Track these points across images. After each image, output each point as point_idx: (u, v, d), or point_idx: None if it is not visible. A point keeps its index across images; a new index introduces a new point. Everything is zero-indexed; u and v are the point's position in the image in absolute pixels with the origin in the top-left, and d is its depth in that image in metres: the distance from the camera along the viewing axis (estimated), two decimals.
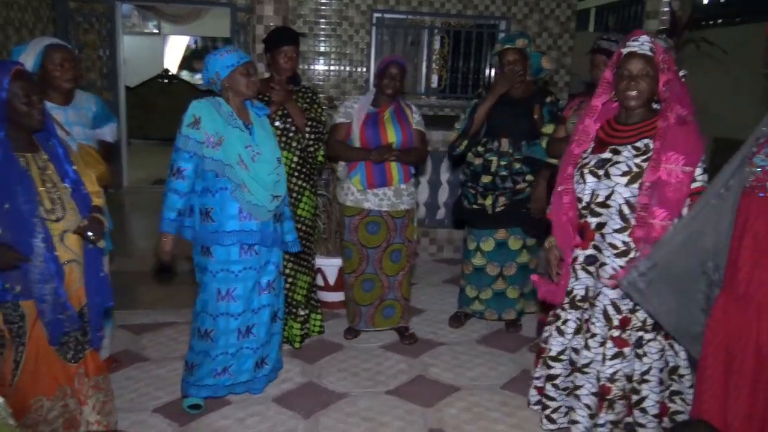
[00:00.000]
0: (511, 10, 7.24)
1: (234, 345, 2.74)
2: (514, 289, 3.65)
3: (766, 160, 2.04)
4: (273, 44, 3.26)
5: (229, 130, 2.61)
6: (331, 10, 6.97)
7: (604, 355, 2.34)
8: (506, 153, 3.48)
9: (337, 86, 7.09)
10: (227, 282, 2.68)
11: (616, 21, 11.61)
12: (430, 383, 3.13)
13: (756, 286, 2.07)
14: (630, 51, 2.24)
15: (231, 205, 2.62)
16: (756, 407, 2.09)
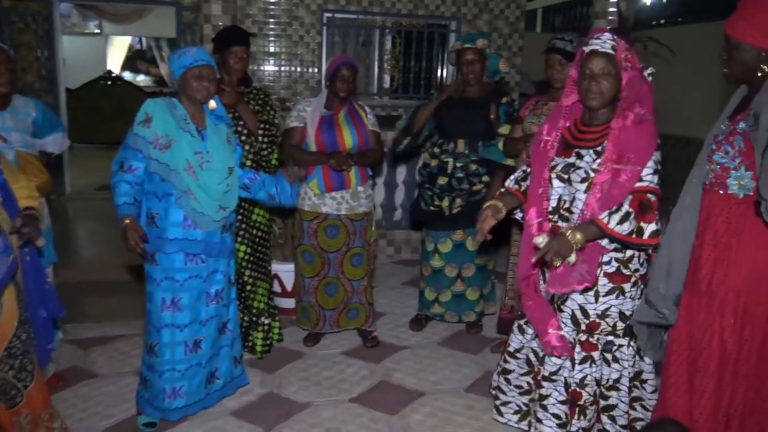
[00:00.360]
0: (461, 10, 7.26)
1: (183, 361, 2.60)
2: (473, 290, 3.63)
3: (725, 158, 2.07)
4: (223, 44, 3.15)
5: (179, 133, 2.48)
6: (280, 10, 6.85)
7: (572, 360, 2.32)
8: (462, 154, 3.46)
9: (288, 87, 6.97)
10: (172, 291, 2.55)
11: (563, 21, 11.85)
12: (393, 389, 3.07)
13: (717, 284, 2.09)
14: (592, 49, 2.20)
15: (175, 212, 2.50)
16: (721, 404, 2.12)
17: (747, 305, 2.05)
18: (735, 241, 2.05)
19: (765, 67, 1.98)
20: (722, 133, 2.12)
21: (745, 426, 2.11)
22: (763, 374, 2.07)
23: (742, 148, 2.01)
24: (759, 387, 2.08)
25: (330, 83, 3.30)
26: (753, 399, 2.09)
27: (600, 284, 2.25)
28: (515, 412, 2.57)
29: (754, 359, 2.06)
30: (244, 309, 3.30)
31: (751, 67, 2.01)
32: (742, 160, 2.02)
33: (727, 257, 2.07)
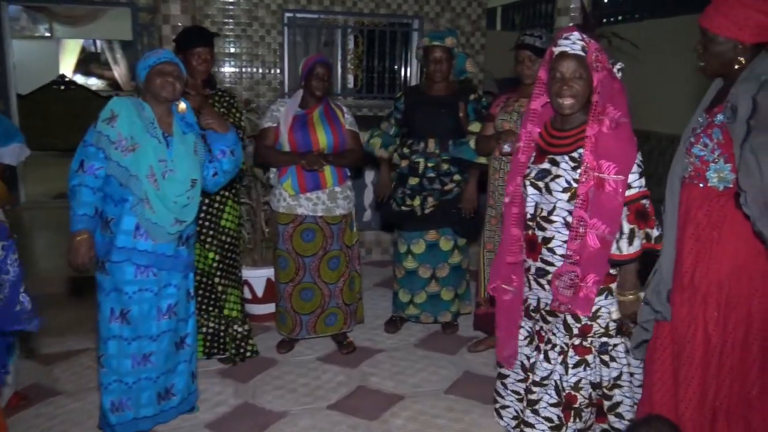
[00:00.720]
0: (424, 9, 7.25)
1: (130, 374, 2.47)
2: (448, 290, 3.60)
3: (704, 151, 2.06)
4: (185, 45, 3.05)
5: (145, 137, 2.37)
6: (240, 10, 6.72)
7: (566, 364, 2.28)
8: (433, 154, 3.42)
9: (250, 89, 6.84)
10: (120, 302, 2.43)
11: (522, 19, 11.95)
12: (372, 394, 3.01)
13: (700, 277, 2.09)
14: (561, 51, 2.12)
15: (128, 220, 2.37)
16: (707, 397, 2.12)
17: (729, 298, 2.05)
18: (716, 234, 2.05)
19: (742, 59, 1.99)
20: (700, 126, 2.12)
21: (730, 419, 2.11)
22: (747, 366, 2.08)
23: (720, 140, 2.01)
24: (743, 379, 2.08)
25: (305, 82, 3.23)
26: (738, 391, 2.09)
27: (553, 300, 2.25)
28: (513, 417, 2.51)
29: (738, 352, 2.07)
30: (216, 317, 3.20)
31: (727, 60, 2.01)
32: (721, 152, 2.01)
33: (709, 250, 2.06)
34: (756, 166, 1.85)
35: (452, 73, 3.46)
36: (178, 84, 2.44)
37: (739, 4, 1.94)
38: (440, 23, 7.29)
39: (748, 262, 2.02)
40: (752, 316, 2.04)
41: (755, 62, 1.98)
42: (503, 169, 3.17)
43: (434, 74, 3.39)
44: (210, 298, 3.18)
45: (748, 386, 2.09)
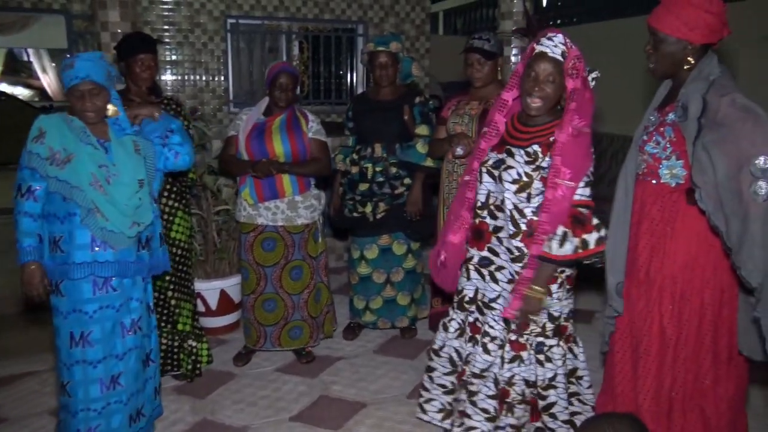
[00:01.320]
0: (368, 14, 7.26)
1: (99, 400, 2.34)
2: (404, 295, 3.59)
3: (656, 148, 2.13)
4: (127, 52, 2.94)
5: (79, 146, 2.25)
6: (181, 17, 6.57)
7: (502, 358, 2.31)
8: (381, 158, 3.41)
9: (194, 96, 6.70)
10: (80, 324, 2.29)
11: (464, 24, 12.14)
12: (334, 403, 2.98)
13: (655, 271, 2.15)
14: (541, 51, 2.12)
15: (81, 234, 2.26)
16: (663, 388, 2.18)
17: (683, 291, 2.11)
18: (669, 229, 2.12)
19: (691, 59, 2.05)
20: (652, 124, 2.18)
21: (686, 408, 2.18)
22: (701, 357, 2.15)
23: (672, 138, 2.08)
24: (697, 370, 2.15)
25: (269, 91, 3.17)
26: (692, 382, 2.16)
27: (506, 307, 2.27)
28: (438, 411, 2.53)
29: (692, 343, 2.14)
30: (169, 333, 3.10)
31: (678, 60, 2.07)
32: (673, 149, 2.08)
33: (663, 245, 2.13)
34: (708, 163, 1.92)
35: (398, 77, 3.46)
36: (99, 101, 2.29)
37: (689, 5, 2.00)
38: (384, 28, 7.31)
39: (701, 255, 2.09)
40: (705, 308, 2.11)
41: (703, 62, 2.05)
42: (456, 172, 3.19)
43: (380, 79, 3.39)
44: (161, 313, 3.08)
45: (701, 376, 2.16)
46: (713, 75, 2.01)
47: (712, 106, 1.95)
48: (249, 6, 6.80)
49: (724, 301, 2.11)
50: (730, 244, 1.90)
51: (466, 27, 12.01)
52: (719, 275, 2.09)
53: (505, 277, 2.29)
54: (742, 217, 1.87)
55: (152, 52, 2.97)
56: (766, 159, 1.84)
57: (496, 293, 2.32)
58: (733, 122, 1.89)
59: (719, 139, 1.90)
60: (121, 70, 2.99)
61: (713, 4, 1.99)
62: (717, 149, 1.90)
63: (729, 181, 1.88)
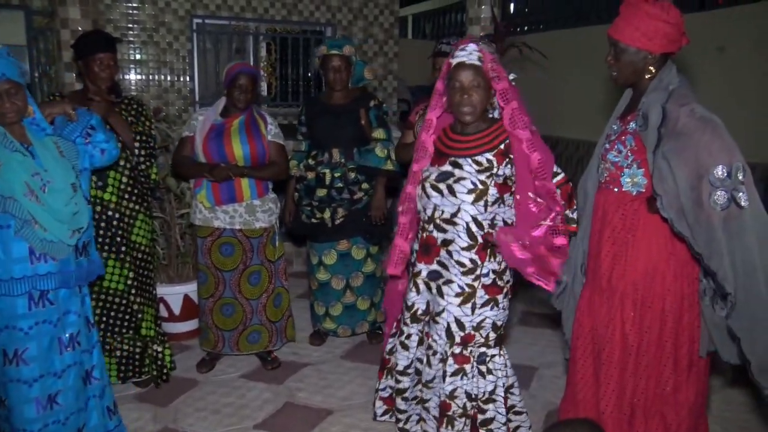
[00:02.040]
0: (336, 16, 7.23)
1: (36, 421, 2.20)
2: (363, 300, 3.55)
3: (618, 157, 2.16)
4: (85, 51, 2.85)
5: (6, 155, 2.09)
6: (145, 15, 6.44)
7: (444, 372, 2.29)
8: (338, 163, 3.36)
9: (158, 97, 6.57)
10: (14, 342, 2.15)
11: (433, 28, 12.20)
12: (300, 410, 2.94)
13: (617, 279, 2.18)
14: (459, 61, 2.15)
15: (18, 246, 2.11)
16: (625, 395, 2.21)
17: (644, 297, 2.15)
18: (631, 237, 2.15)
19: (652, 68, 2.09)
20: (614, 133, 2.21)
21: (647, 415, 2.20)
22: (662, 364, 2.18)
23: (633, 147, 2.11)
24: (658, 376, 2.19)
25: (228, 92, 3.11)
26: (653, 388, 2.20)
27: (477, 296, 2.24)
28: (418, 422, 2.51)
29: (653, 350, 2.17)
30: (131, 339, 3.02)
31: (639, 69, 2.11)
32: (634, 158, 2.11)
33: (625, 252, 2.16)
34: (669, 172, 1.95)
35: (350, 81, 3.41)
36: (18, 101, 2.14)
37: (647, 16, 2.03)
38: (353, 31, 7.29)
39: (661, 262, 2.12)
40: (666, 314, 2.14)
41: (663, 72, 2.09)
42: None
43: (334, 83, 3.33)
44: (123, 319, 3.00)
45: (662, 383, 2.19)
46: (672, 85, 2.06)
47: (672, 115, 1.99)
48: (215, 6, 6.70)
49: (684, 309, 2.14)
50: (699, 251, 1.94)
51: (434, 31, 12.07)
52: (679, 283, 2.12)
53: (453, 291, 2.25)
54: (705, 226, 1.91)
55: (111, 51, 2.89)
56: (723, 168, 1.88)
57: (441, 307, 2.28)
58: (692, 132, 1.93)
59: (679, 149, 1.94)
60: (80, 69, 2.92)
61: (671, 15, 2.03)
62: (677, 158, 1.94)
63: (689, 191, 1.92)
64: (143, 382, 3.10)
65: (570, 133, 7.64)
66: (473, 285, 2.23)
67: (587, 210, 2.33)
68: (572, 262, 2.38)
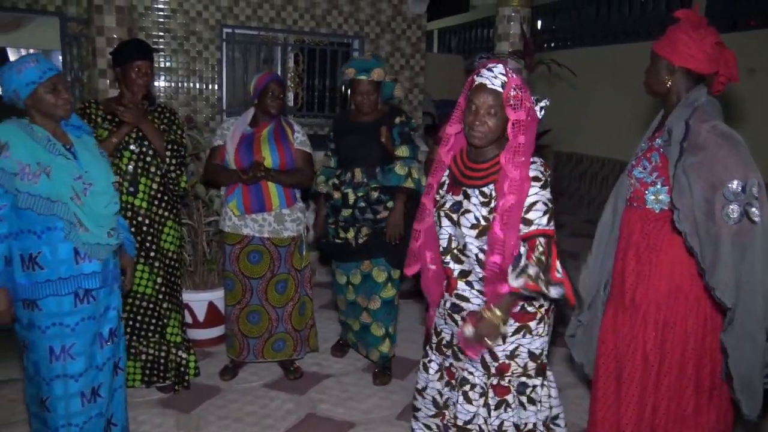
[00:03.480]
0: (364, 29, 7.29)
1: (81, 414, 2.27)
2: (378, 325, 3.34)
3: (643, 173, 2.17)
4: (125, 58, 2.91)
5: (52, 159, 2.14)
6: (177, 24, 6.56)
7: (488, 406, 2.14)
8: (361, 183, 3.23)
9: (187, 104, 6.66)
10: (62, 338, 2.20)
11: (458, 43, 12.22)
12: (322, 422, 2.93)
13: (640, 297, 2.18)
14: (481, 83, 2.00)
15: (65, 247, 2.17)
16: (645, 412, 2.20)
17: (667, 318, 2.14)
18: (654, 256, 2.15)
19: (668, 78, 2.15)
20: (641, 150, 2.24)
21: None
22: (683, 385, 2.16)
23: (658, 163, 2.13)
24: (679, 397, 2.17)
25: (259, 100, 3.14)
26: (674, 410, 2.17)
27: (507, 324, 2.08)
28: None
29: (675, 371, 2.15)
30: (156, 343, 3.04)
31: (660, 79, 2.17)
32: (659, 174, 2.13)
33: (648, 272, 2.16)
34: (687, 186, 1.98)
35: (380, 99, 3.26)
36: (68, 95, 2.23)
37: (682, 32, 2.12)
38: (380, 44, 7.34)
39: (684, 283, 2.12)
40: (688, 336, 2.13)
41: (692, 92, 2.12)
42: None
43: (361, 106, 3.20)
44: (150, 323, 3.03)
45: (683, 405, 2.17)
46: (697, 102, 2.09)
47: (694, 130, 2.02)
48: (245, 16, 6.80)
49: (707, 330, 2.12)
50: (704, 266, 1.95)
51: (460, 46, 12.09)
52: (703, 304, 2.11)
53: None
54: (714, 239, 1.92)
55: (149, 59, 2.95)
56: (738, 183, 1.90)
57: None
58: (711, 147, 1.96)
59: (697, 163, 1.96)
60: (117, 76, 2.97)
61: (698, 34, 2.09)
62: (694, 172, 1.96)
63: (704, 204, 1.94)
64: (166, 387, 3.12)
65: (595, 150, 7.59)
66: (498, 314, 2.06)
67: (615, 227, 2.32)
68: (594, 281, 2.35)
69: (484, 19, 11.31)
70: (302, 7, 7.01)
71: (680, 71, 2.13)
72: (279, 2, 6.91)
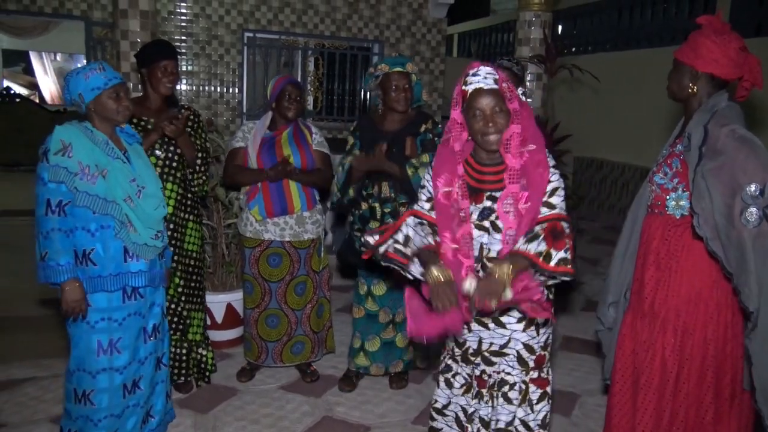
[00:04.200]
0: (384, 33, 7.31)
1: (119, 405, 2.38)
2: (403, 337, 3.23)
3: (664, 179, 2.17)
4: (151, 58, 2.92)
5: (110, 161, 2.27)
6: (199, 28, 6.63)
7: (530, 401, 2.13)
8: (388, 198, 3.07)
9: (208, 107, 6.73)
10: (110, 332, 2.32)
11: (478, 47, 12.21)
12: (337, 424, 2.93)
13: (659, 304, 2.17)
14: (476, 88, 1.97)
15: (116, 245, 2.29)
16: (662, 420, 2.18)
17: (686, 325, 2.13)
18: (674, 263, 2.15)
19: (692, 85, 2.13)
20: (662, 156, 2.23)
21: None
22: (702, 393, 2.14)
23: (679, 169, 2.13)
24: (698, 405, 2.15)
25: (276, 104, 3.16)
26: (693, 417, 2.15)
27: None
28: None
29: (694, 378, 2.13)
30: (177, 341, 3.08)
31: (683, 85, 2.16)
32: (679, 180, 2.12)
33: (668, 278, 2.16)
34: (706, 190, 1.97)
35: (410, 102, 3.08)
36: (130, 104, 2.37)
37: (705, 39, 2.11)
38: (400, 48, 7.35)
39: (704, 290, 2.11)
40: (708, 343, 2.12)
41: (714, 98, 2.11)
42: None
43: (397, 103, 3.00)
44: (171, 322, 3.06)
45: (702, 412, 2.15)
46: (717, 107, 2.08)
47: (713, 134, 2.01)
48: (266, 21, 6.85)
49: (728, 338, 2.11)
50: (731, 269, 1.94)
51: (480, 50, 12.07)
52: (723, 311, 2.10)
53: (514, 318, 2.09)
54: (736, 243, 1.92)
55: (174, 59, 2.97)
56: (757, 186, 1.90)
57: (505, 338, 2.11)
58: (730, 151, 1.96)
59: (716, 167, 1.96)
60: (142, 78, 2.99)
61: (722, 39, 2.07)
62: (713, 177, 1.96)
63: (723, 208, 1.93)
64: (184, 386, 3.16)
65: (617, 156, 7.53)
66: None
67: (635, 234, 2.31)
68: (618, 286, 2.35)
69: (504, 24, 11.28)
70: (323, 11, 7.05)
71: (704, 77, 2.11)
72: (300, 7, 6.96)
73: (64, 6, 6.50)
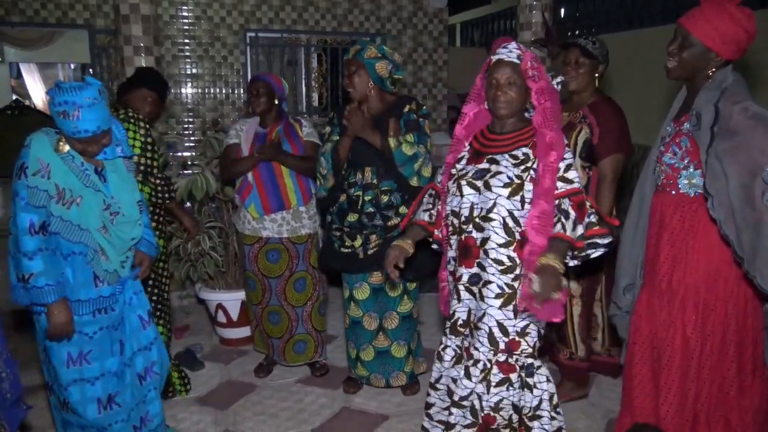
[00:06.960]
0: (386, 26, 7.29)
1: (99, 420, 2.31)
2: (399, 345, 3.07)
3: (674, 159, 2.13)
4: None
5: (83, 189, 2.18)
6: (201, 31, 6.65)
7: (488, 382, 2.12)
8: (371, 185, 2.90)
9: (214, 109, 6.76)
10: (80, 345, 2.26)
11: (481, 35, 12.15)
12: (356, 415, 2.96)
13: (677, 282, 2.15)
14: (498, 59, 2.13)
15: (85, 272, 2.23)
16: (687, 400, 2.17)
17: (707, 301, 2.11)
18: (691, 240, 2.11)
19: (712, 71, 2.04)
20: (669, 134, 2.19)
21: (711, 420, 2.16)
22: (725, 368, 2.13)
23: (688, 148, 2.09)
24: (721, 380, 2.14)
25: (249, 101, 3.25)
26: (717, 393, 2.15)
27: (518, 299, 2.09)
28: None
29: (717, 354, 2.12)
30: None
31: (700, 68, 2.07)
32: (690, 159, 2.08)
33: (684, 255, 2.13)
34: (721, 172, 1.93)
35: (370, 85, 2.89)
36: (106, 141, 2.22)
37: (731, 19, 1.98)
38: (402, 41, 7.34)
39: (723, 265, 2.09)
40: (729, 318, 2.10)
41: (718, 73, 2.05)
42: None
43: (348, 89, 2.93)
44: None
45: (726, 387, 2.14)
46: (725, 83, 2.02)
47: (725, 113, 1.96)
48: (268, 19, 6.86)
49: (748, 312, 2.10)
50: (743, 254, 1.90)
51: (483, 39, 12.02)
52: (743, 285, 2.08)
53: (493, 292, 2.10)
54: (754, 226, 1.86)
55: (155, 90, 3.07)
56: None
57: (482, 311, 2.12)
58: (744, 130, 1.90)
59: (731, 148, 1.91)
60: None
61: (750, 24, 1.99)
62: (729, 157, 1.91)
63: (741, 190, 1.88)
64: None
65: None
66: (513, 285, 2.08)
67: (643, 213, 2.29)
68: (632, 267, 2.34)
69: (506, 10, 11.21)
70: (323, 7, 7.05)
71: (722, 60, 2.03)
72: (300, 4, 6.96)
73: (68, 16, 6.55)
